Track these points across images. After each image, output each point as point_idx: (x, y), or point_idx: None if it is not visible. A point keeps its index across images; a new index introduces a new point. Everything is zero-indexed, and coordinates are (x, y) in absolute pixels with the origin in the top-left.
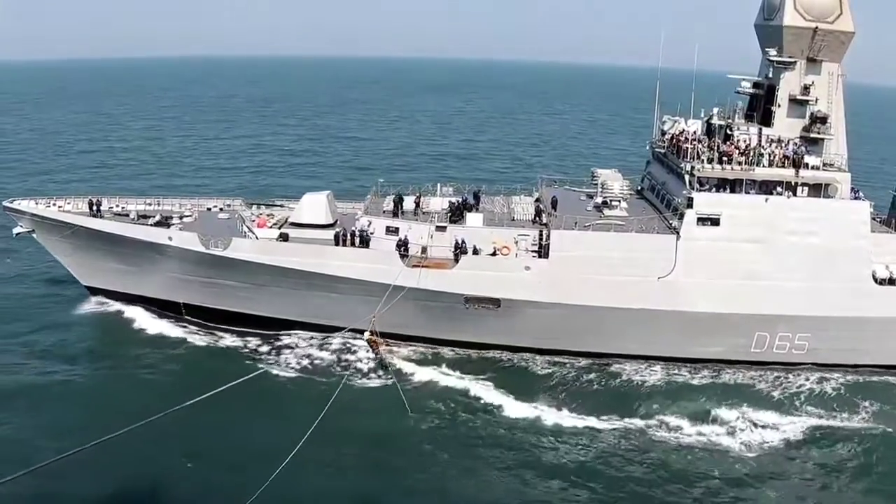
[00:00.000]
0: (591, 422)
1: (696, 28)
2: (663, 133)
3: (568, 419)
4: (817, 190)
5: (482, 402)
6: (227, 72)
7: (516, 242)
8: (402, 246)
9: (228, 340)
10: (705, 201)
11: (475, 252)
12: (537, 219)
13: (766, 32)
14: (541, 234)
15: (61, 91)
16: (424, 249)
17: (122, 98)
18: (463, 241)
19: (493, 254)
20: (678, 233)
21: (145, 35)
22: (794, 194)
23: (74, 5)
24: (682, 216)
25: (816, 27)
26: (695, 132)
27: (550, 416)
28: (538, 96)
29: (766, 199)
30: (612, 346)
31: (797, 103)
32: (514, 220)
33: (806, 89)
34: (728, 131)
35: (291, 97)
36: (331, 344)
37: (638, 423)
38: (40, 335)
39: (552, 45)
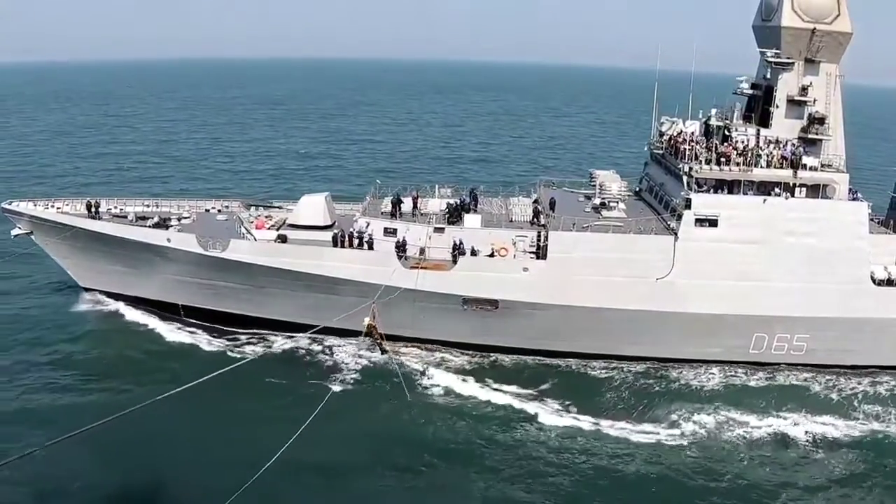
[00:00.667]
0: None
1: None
2: (661, 134)
3: (607, 427)
4: (815, 191)
5: (482, 401)
6: (228, 74)
7: (514, 243)
8: (401, 247)
9: (226, 341)
10: (703, 202)
11: (473, 253)
12: (535, 220)
13: (764, 33)
14: (539, 236)
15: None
16: (423, 251)
17: (127, 100)
18: (461, 243)
19: (492, 255)
20: (676, 234)
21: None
22: (793, 195)
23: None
24: (680, 217)
25: (814, 28)
26: (693, 133)
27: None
28: (543, 98)
29: (765, 200)
30: (610, 347)
31: (795, 104)
32: (512, 221)
33: (804, 90)
34: (726, 132)
35: (296, 99)
36: (328, 344)
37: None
38: (38, 336)
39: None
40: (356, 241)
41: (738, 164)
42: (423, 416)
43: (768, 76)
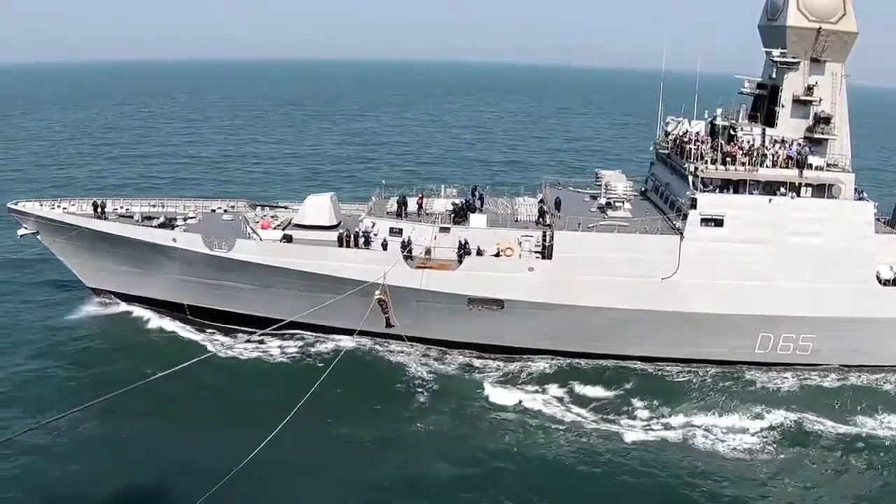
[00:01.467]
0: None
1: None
2: (667, 134)
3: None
4: (821, 190)
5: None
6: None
7: (520, 243)
8: (406, 247)
9: (231, 340)
10: (709, 202)
11: (479, 253)
12: (541, 220)
13: (769, 33)
14: (544, 235)
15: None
16: (428, 251)
17: (147, 100)
18: (466, 242)
19: (497, 255)
20: (682, 233)
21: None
22: (798, 195)
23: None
24: (685, 217)
25: (820, 27)
26: (698, 133)
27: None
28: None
29: (770, 200)
30: (615, 347)
31: (801, 104)
32: (517, 221)
33: (809, 90)
34: (732, 132)
35: (318, 100)
36: (334, 343)
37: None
38: (43, 336)
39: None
40: (362, 241)
41: (743, 163)
42: (428, 413)
43: (774, 76)
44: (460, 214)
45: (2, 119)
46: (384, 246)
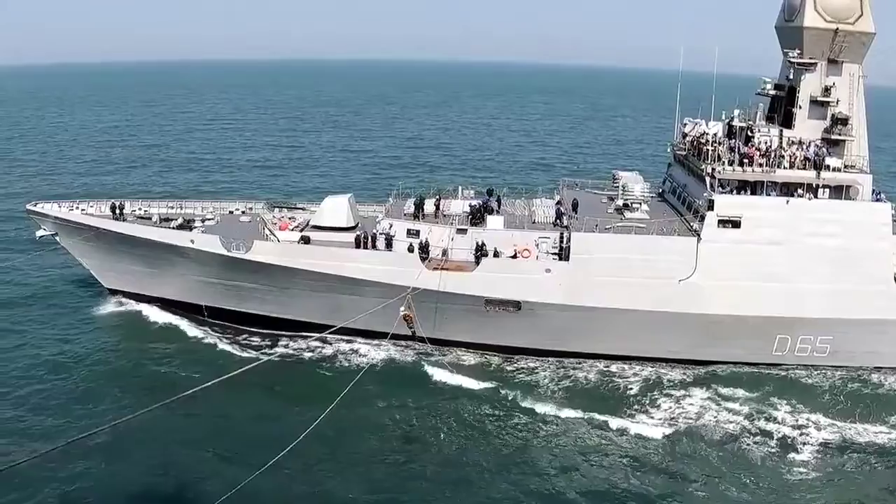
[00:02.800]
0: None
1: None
2: (684, 135)
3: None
4: (838, 192)
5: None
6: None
7: (537, 245)
8: (423, 248)
9: (249, 341)
10: (726, 203)
11: (496, 254)
12: (558, 221)
13: (786, 34)
14: (561, 237)
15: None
16: (445, 252)
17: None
18: (483, 244)
19: (514, 256)
20: (699, 235)
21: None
22: (816, 196)
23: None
24: (702, 218)
25: (837, 28)
26: (715, 134)
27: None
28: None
29: (787, 201)
30: (632, 348)
31: (818, 105)
32: (534, 222)
33: (827, 91)
34: (749, 133)
35: (351, 101)
36: (352, 345)
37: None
38: (62, 336)
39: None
40: (383, 243)
41: (760, 165)
42: (450, 415)
43: (791, 77)
44: (477, 216)
45: (44, 118)
46: (410, 249)
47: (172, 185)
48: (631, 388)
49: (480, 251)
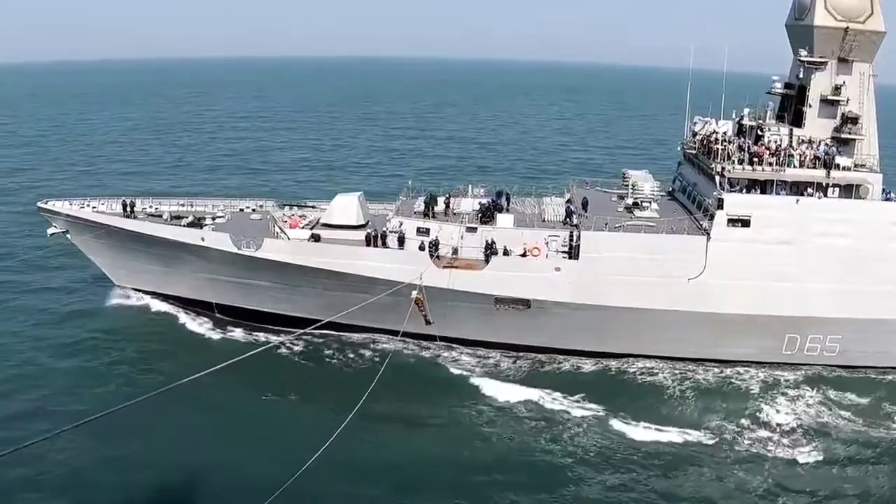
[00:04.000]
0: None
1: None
2: (694, 134)
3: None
4: (848, 191)
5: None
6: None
7: (547, 243)
8: (433, 246)
9: (259, 339)
10: (736, 202)
11: (505, 253)
12: (568, 220)
13: (796, 33)
14: (571, 235)
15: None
16: (455, 250)
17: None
18: (493, 242)
19: (524, 255)
20: (708, 234)
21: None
22: (825, 195)
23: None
24: (712, 217)
25: (847, 27)
26: (725, 133)
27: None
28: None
29: (797, 200)
30: (641, 347)
31: (828, 104)
32: (544, 221)
33: (837, 90)
34: (759, 132)
35: (379, 98)
36: (362, 342)
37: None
38: (73, 333)
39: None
40: (395, 241)
41: (770, 163)
42: (454, 415)
43: (801, 76)
44: (487, 214)
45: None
46: (421, 247)
47: (184, 183)
48: (639, 387)
49: (490, 249)
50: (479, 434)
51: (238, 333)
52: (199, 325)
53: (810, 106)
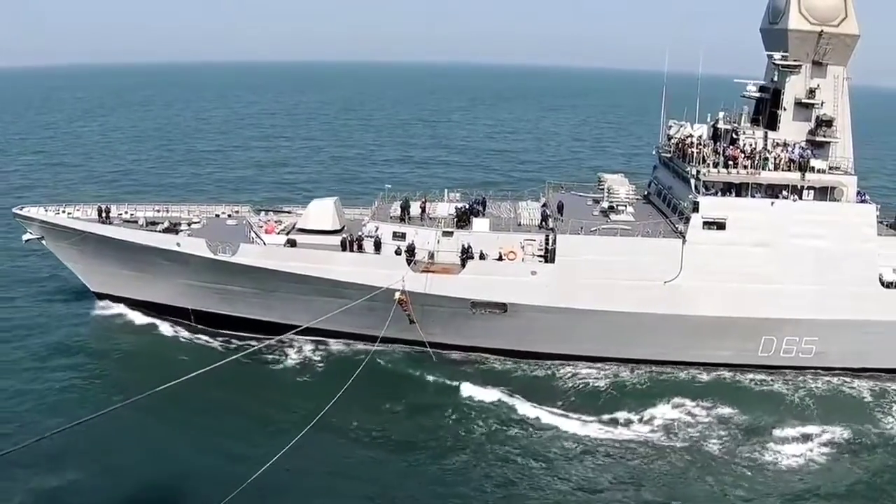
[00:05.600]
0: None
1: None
2: (669, 138)
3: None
4: (823, 193)
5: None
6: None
7: (523, 247)
8: (410, 251)
9: (235, 344)
10: (711, 205)
11: (482, 257)
12: (543, 224)
13: (771, 36)
14: (547, 239)
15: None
16: (431, 255)
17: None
18: (469, 246)
19: (500, 259)
20: (684, 237)
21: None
22: (801, 198)
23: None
24: (687, 220)
25: (821, 30)
26: (700, 136)
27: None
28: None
29: (772, 203)
30: (618, 350)
31: (803, 107)
32: (520, 225)
33: (811, 93)
34: (734, 135)
35: (376, 103)
36: (336, 348)
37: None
38: (48, 340)
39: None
40: (372, 246)
41: (745, 166)
42: (432, 417)
43: (776, 79)
44: (463, 218)
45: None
46: (397, 252)
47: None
48: (613, 390)
49: (466, 254)
50: (454, 439)
51: (214, 340)
52: (175, 332)
53: (785, 109)
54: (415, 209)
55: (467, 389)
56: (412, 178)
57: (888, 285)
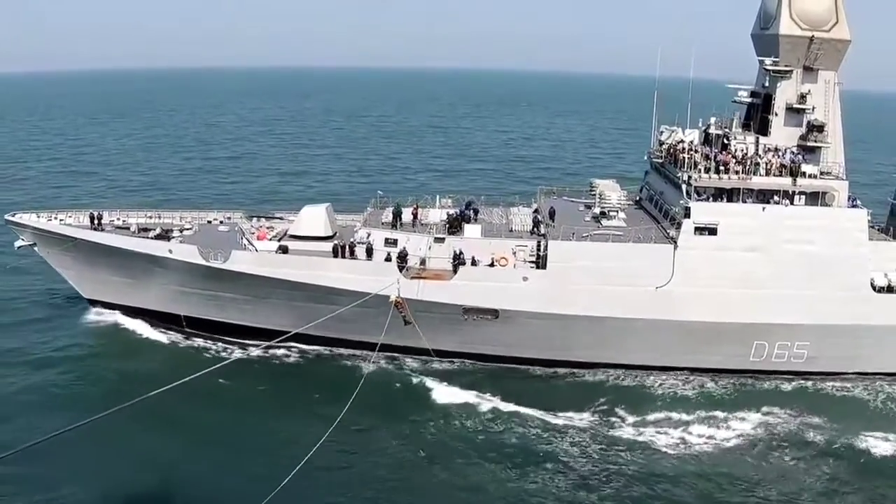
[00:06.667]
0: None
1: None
2: (661, 143)
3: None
4: (815, 198)
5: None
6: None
7: (514, 253)
8: (401, 257)
9: (229, 349)
10: (703, 211)
11: (473, 263)
12: (535, 229)
13: (762, 41)
14: (539, 245)
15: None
16: (423, 261)
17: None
18: (461, 253)
19: (492, 265)
20: (676, 242)
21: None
22: (792, 203)
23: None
24: (679, 226)
25: (812, 36)
26: (692, 142)
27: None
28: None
29: (764, 208)
30: (610, 356)
31: (794, 112)
32: (512, 230)
33: (803, 98)
34: (725, 140)
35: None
36: (332, 354)
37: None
38: (40, 347)
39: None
40: (364, 252)
41: (737, 172)
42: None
43: (767, 84)
44: (455, 225)
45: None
46: (388, 258)
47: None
48: (606, 396)
49: (458, 260)
50: (450, 447)
51: (206, 345)
52: (167, 338)
53: (776, 114)
54: (407, 215)
55: (457, 396)
56: (443, 187)
57: (880, 290)
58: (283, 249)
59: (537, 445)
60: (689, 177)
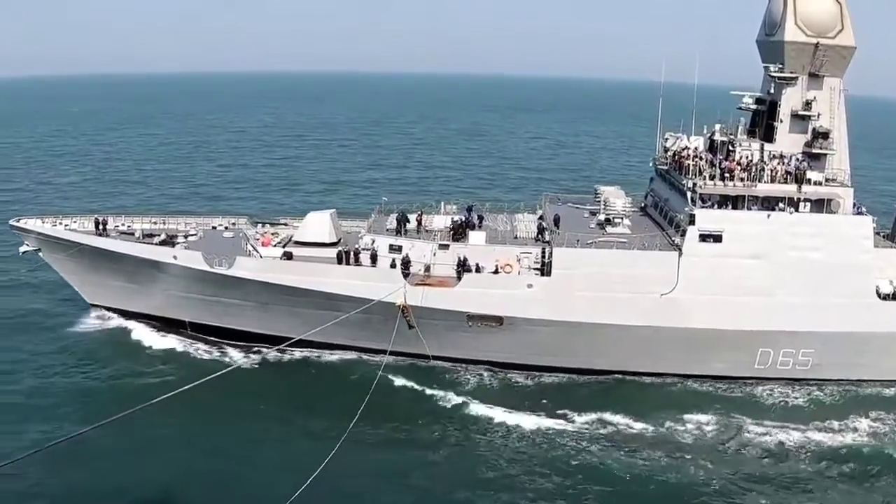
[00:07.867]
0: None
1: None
2: (666, 150)
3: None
4: (820, 205)
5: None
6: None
7: (519, 260)
8: (406, 264)
9: (234, 357)
10: (707, 218)
11: (478, 270)
12: (540, 236)
13: (767, 48)
14: (543, 252)
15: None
16: (427, 267)
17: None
18: (465, 259)
19: (496, 271)
20: (680, 249)
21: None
22: (797, 210)
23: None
24: (684, 233)
25: (818, 42)
26: (696, 148)
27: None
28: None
29: (769, 215)
30: (614, 363)
31: (799, 119)
32: (516, 237)
33: (808, 105)
34: (730, 147)
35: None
36: (332, 360)
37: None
38: (44, 351)
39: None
40: (369, 259)
41: (741, 179)
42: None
43: (772, 91)
44: (459, 231)
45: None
46: (392, 265)
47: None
48: (610, 403)
49: (462, 266)
50: (467, 454)
51: (210, 351)
52: (171, 344)
53: (781, 121)
54: (411, 222)
55: (465, 404)
56: (494, 194)
57: (885, 297)
58: (288, 256)
59: (549, 453)
60: (694, 184)
